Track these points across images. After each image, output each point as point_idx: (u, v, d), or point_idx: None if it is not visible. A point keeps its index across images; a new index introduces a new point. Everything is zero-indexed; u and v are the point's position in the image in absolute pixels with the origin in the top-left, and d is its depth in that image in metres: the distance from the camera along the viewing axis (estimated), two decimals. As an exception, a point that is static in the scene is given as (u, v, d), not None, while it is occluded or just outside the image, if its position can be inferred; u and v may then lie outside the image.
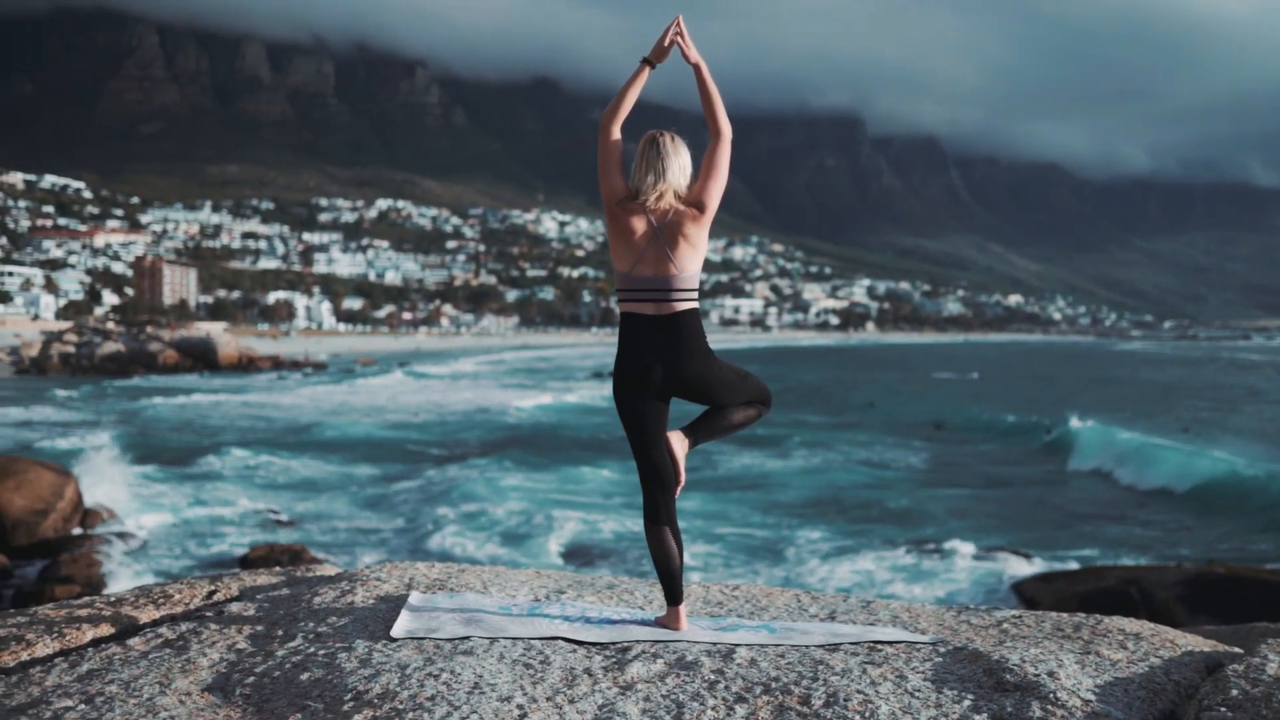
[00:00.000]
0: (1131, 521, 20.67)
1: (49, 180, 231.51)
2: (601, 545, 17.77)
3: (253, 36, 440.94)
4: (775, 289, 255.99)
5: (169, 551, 17.74)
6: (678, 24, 3.54)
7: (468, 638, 3.34)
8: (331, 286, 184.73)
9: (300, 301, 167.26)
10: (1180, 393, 57.23)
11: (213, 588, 4.06)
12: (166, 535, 18.86)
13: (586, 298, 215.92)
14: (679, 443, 3.54)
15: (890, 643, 3.34)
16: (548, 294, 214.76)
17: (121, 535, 18.55)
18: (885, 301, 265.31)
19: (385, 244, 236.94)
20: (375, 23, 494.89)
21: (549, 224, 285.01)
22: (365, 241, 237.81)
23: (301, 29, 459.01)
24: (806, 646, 3.29)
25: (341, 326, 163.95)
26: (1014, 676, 2.95)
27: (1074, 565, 16.14)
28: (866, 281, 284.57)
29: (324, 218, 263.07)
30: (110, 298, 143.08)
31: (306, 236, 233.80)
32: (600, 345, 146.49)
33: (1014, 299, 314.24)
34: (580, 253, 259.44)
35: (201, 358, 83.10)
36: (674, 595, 3.49)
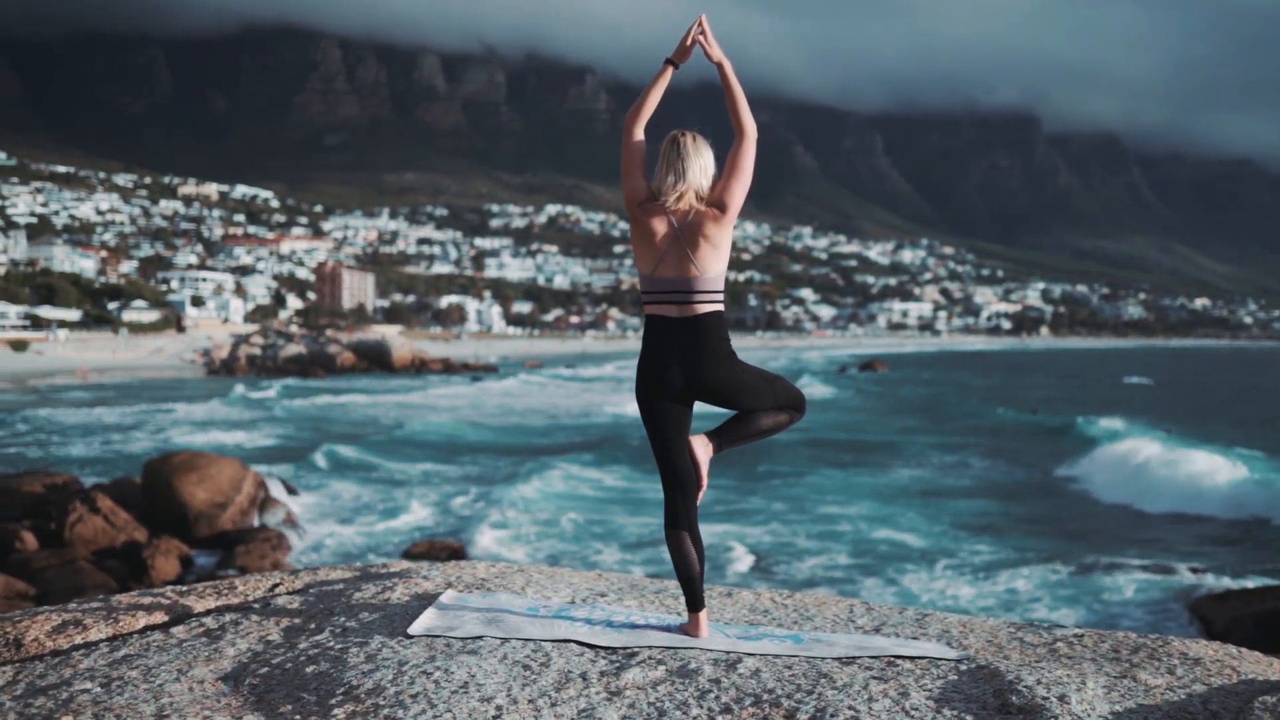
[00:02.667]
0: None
1: (240, 190, 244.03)
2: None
3: (428, 48, 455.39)
4: (945, 292, 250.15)
5: (337, 543, 18.37)
6: (700, 23, 3.47)
7: (481, 637, 3.36)
8: (502, 290, 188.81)
9: (471, 305, 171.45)
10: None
11: (277, 580, 4.20)
12: (336, 528, 19.63)
13: (752, 301, 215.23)
14: (702, 447, 3.48)
15: (912, 658, 3.24)
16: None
17: (295, 527, 19.42)
18: (1061, 305, 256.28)
19: (554, 249, 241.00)
20: (544, 31, 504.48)
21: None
22: (535, 246, 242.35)
23: (473, 39, 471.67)
24: (821, 659, 3.21)
25: (511, 330, 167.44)
26: (1021, 699, 2.85)
27: (1257, 584, 15.32)
28: (1041, 284, 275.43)
29: (495, 223, 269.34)
30: (294, 302, 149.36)
31: (478, 242, 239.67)
32: (765, 349, 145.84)
33: (1200, 302, 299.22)
34: (746, 256, 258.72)
35: (377, 360, 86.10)
36: (694, 602, 3.44)
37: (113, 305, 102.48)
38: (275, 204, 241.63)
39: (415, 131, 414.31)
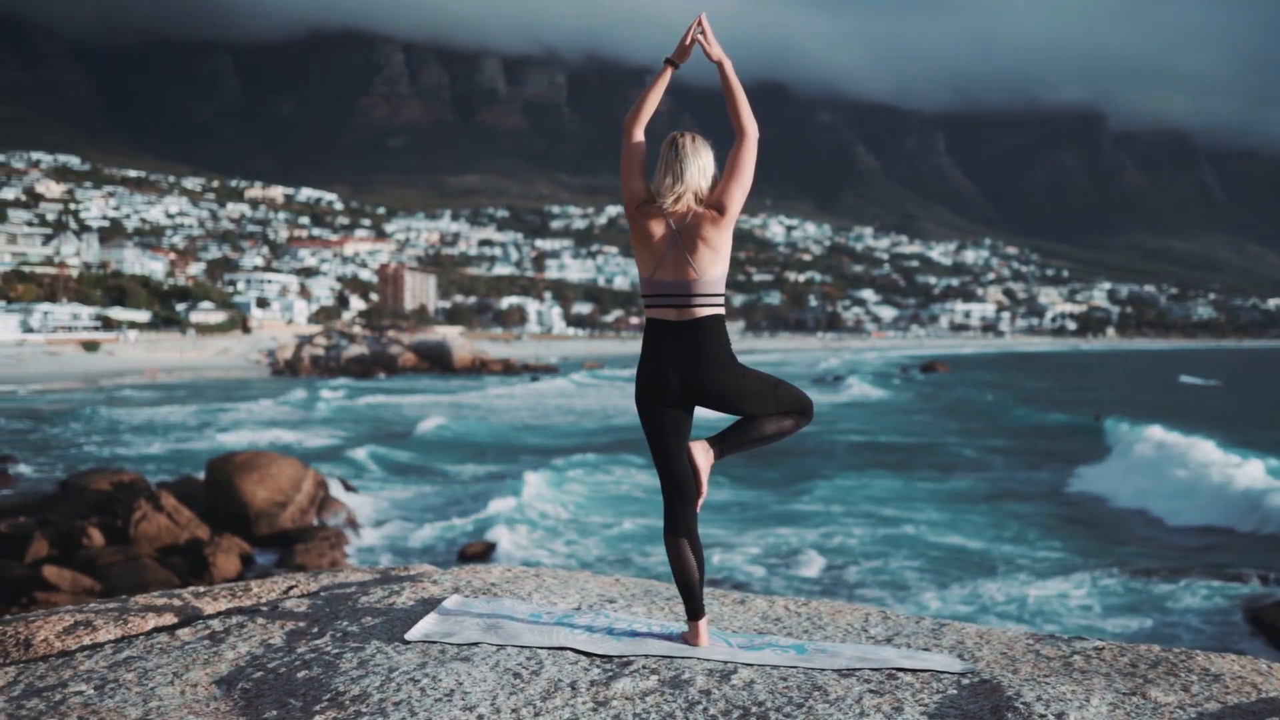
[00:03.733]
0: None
1: (305, 193, 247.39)
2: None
3: (489, 51, 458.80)
4: (1008, 293, 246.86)
5: (393, 544, 18.54)
6: (699, 22, 3.41)
7: (477, 644, 3.34)
8: (562, 291, 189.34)
9: (532, 306, 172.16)
10: None
11: (292, 583, 4.20)
12: (393, 528, 19.82)
13: (813, 302, 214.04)
14: (702, 453, 3.42)
15: (914, 671, 3.16)
16: (774, 298, 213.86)
17: (353, 527, 19.66)
18: (1127, 305, 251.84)
19: (614, 250, 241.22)
20: (604, 33, 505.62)
21: (776, 228, 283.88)
22: (595, 248, 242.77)
23: (534, 42, 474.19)
24: (820, 670, 3.15)
25: (571, 330, 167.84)
26: (1018, 716, 2.77)
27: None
28: (1107, 284, 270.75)
29: (556, 225, 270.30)
30: (357, 303, 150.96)
31: (539, 243, 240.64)
32: (825, 350, 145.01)
33: (1274, 302, 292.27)
34: (807, 257, 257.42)
35: (438, 361, 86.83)
36: (694, 610, 3.38)
37: (181, 306, 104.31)
38: (339, 206, 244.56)
39: (477, 134, 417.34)
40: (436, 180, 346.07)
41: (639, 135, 3.48)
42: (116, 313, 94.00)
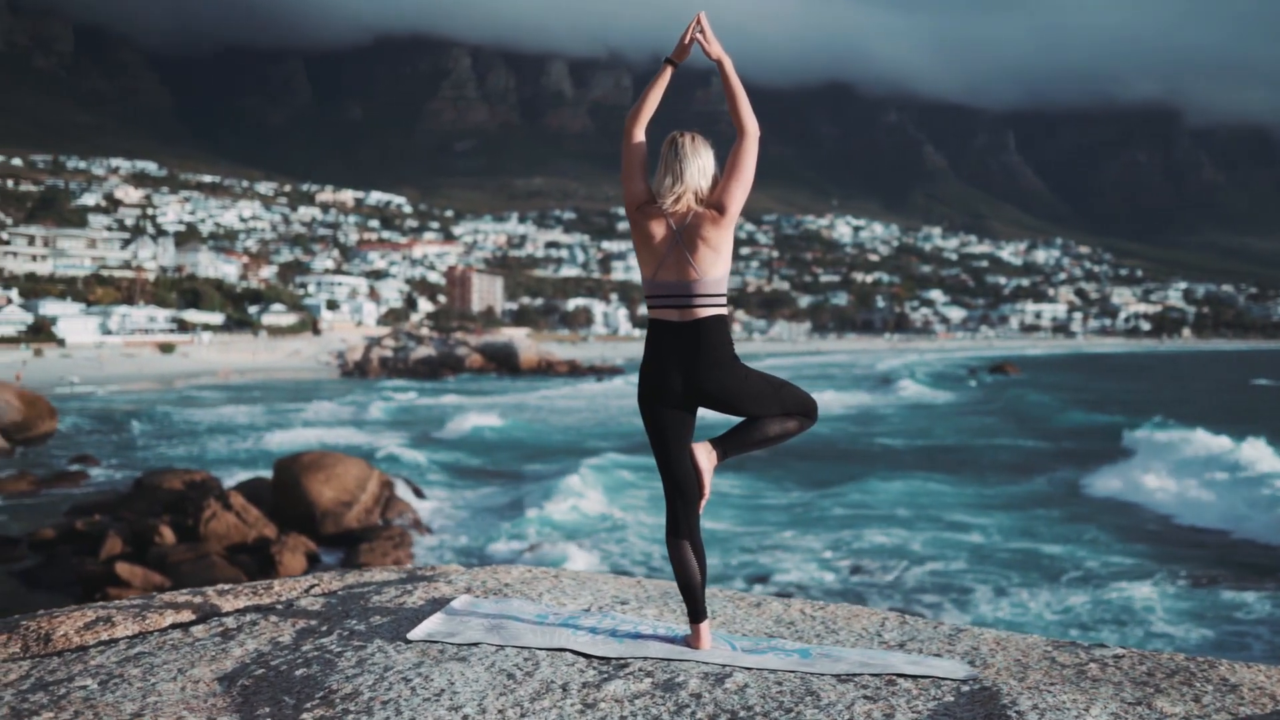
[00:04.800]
0: None
1: (374, 197, 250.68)
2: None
3: (556, 55, 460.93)
4: (1080, 293, 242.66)
5: (457, 543, 18.70)
6: (698, 21, 3.40)
7: (477, 644, 3.34)
8: (628, 293, 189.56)
9: (598, 308, 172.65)
10: None
11: (314, 581, 4.23)
12: (458, 528, 20.01)
13: (880, 303, 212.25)
14: (705, 455, 3.39)
15: (916, 677, 3.11)
16: (841, 299, 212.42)
17: (418, 527, 19.90)
18: (1204, 305, 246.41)
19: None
20: (670, 35, 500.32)
21: (843, 229, 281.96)
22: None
23: (600, 45, 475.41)
24: (820, 675, 3.11)
25: (636, 332, 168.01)
26: None
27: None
28: (1183, 284, 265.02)
29: (622, 226, 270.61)
30: (425, 305, 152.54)
31: (605, 245, 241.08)
32: (893, 351, 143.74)
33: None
34: (874, 257, 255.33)
35: (504, 362, 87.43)
36: (696, 612, 3.35)
37: (253, 309, 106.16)
38: (408, 210, 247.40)
39: (543, 137, 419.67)
40: (504, 183, 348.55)
41: (639, 136, 3.47)
42: (191, 315, 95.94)
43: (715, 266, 3.33)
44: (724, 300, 3.36)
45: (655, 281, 3.37)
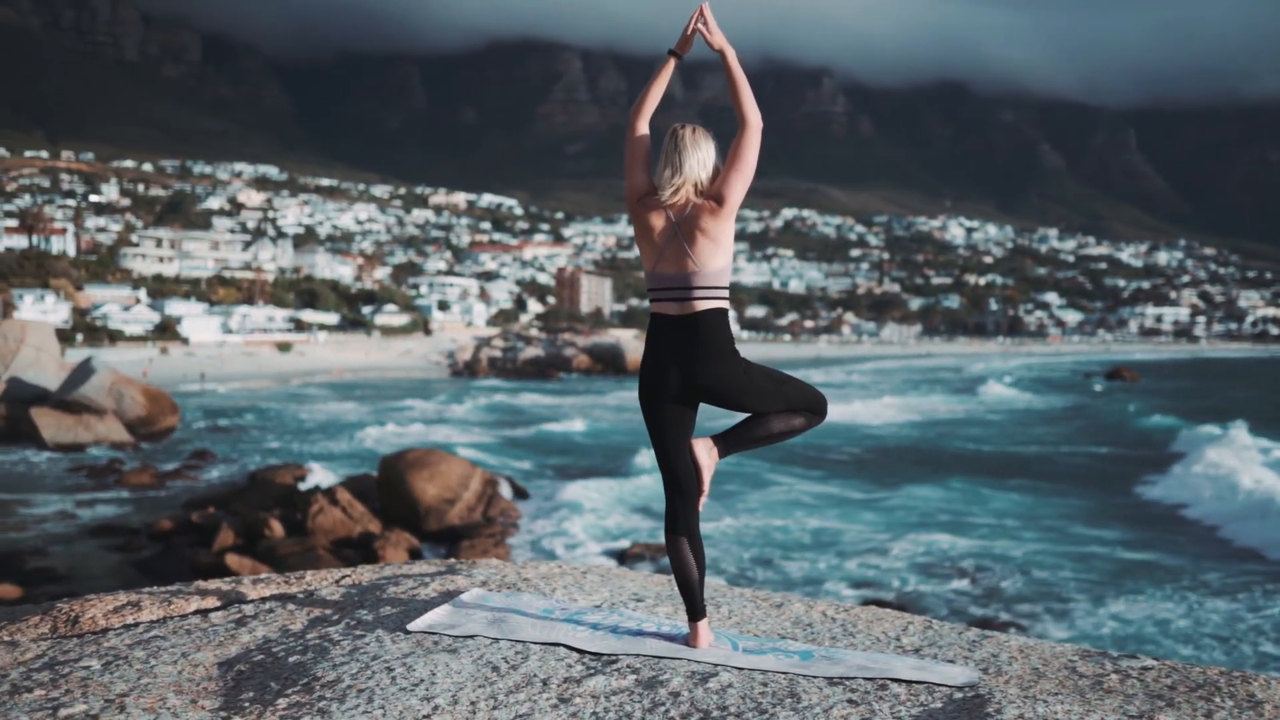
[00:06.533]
0: None
1: (486, 199, 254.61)
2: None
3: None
4: (1204, 296, 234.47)
5: (557, 541, 18.83)
6: (701, 12, 3.37)
7: (474, 636, 3.34)
8: (736, 295, 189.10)
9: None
10: None
11: (347, 572, 4.27)
12: (560, 528, 20.15)
13: (993, 305, 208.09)
14: (705, 451, 3.34)
15: (910, 682, 3.03)
16: (952, 302, 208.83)
17: (518, 525, 20.20)
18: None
19: (789, 253, 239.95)
20: (779, 34, 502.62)
21: (955, 230, 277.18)
22: (770, 250, 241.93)
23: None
24: (811, 677, 3.05)
25: (745, 334, 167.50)
26: None
27: None
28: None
29: (738, 228, 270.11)
30: (534, 306, 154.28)
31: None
32: (1005, 354, 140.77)
33: None
34: (988, 259, 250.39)
35: (611, 363, 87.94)
36: (694, 610, 3.30)
37: (367, 309, 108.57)
38: (519, 212, 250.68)
39: (654, 139, 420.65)
40: (613, 185, 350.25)
41: (642, 128, 3.45)
42: (308, 315, 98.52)
43: (714, 258, 3.30)
44: (725, 293, 3.32)
45: (655, 274, 3.34)
